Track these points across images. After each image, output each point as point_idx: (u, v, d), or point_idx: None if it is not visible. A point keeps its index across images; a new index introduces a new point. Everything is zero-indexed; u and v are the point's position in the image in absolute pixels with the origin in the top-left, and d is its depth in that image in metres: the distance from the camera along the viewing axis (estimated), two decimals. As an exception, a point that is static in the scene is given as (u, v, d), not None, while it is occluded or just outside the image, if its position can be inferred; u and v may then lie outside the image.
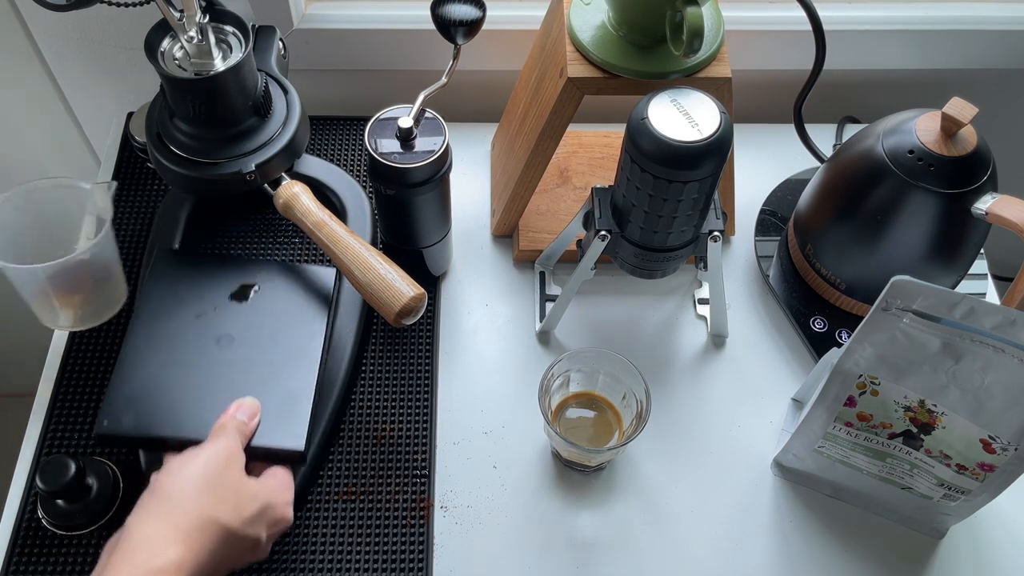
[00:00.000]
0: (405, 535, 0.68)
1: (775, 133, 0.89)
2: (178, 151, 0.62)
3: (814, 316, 0.79)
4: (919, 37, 0.88)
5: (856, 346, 0.59)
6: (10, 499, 0.69)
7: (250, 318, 0.68)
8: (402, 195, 0.69)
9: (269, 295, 0.69)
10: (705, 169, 0.60)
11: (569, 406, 0.73)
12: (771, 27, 0.86)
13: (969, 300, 0.53)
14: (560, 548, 0.68)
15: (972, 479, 0.61)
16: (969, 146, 0.67)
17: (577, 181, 0.86)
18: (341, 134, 0.90)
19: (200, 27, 0.59)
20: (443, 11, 0.68)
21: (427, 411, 0.74)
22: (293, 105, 0.65)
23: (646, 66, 0.67)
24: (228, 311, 0.68)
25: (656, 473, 0.72)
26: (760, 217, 0.85)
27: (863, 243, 0.73)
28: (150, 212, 0.83)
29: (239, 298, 0.69)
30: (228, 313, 0.68)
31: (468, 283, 0.82)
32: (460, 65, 0.70)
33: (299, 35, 0.85)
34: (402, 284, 0.60)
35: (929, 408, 0.59)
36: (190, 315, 0.68)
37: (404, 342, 0.77)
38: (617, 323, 0.79)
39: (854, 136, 0.75)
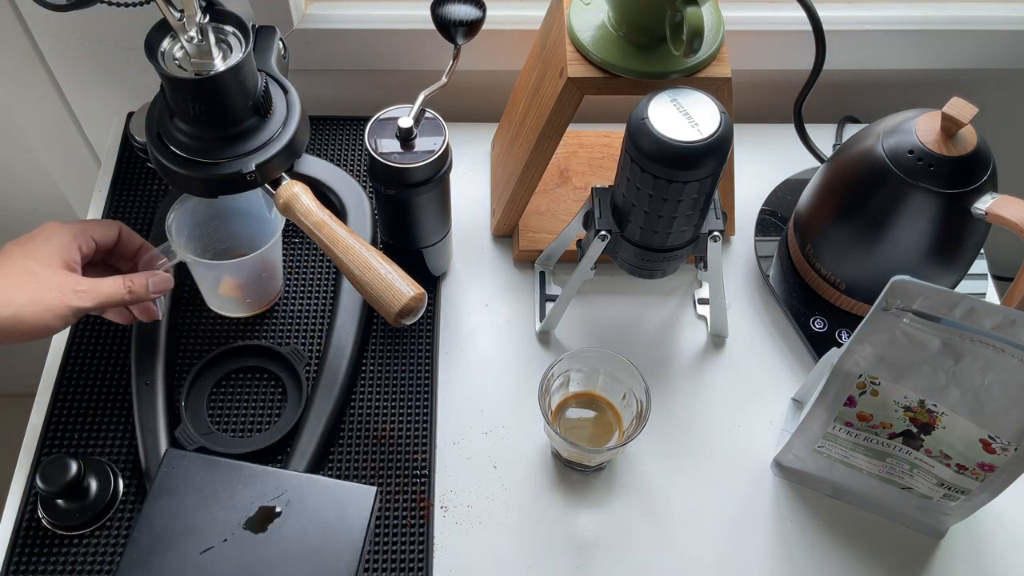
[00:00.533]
0: (405, 535, 0.68)
1: (775, 133, 0.89)
2: (178, 151, 0.62)
3: (814, 316, 0.79)
4: (919, 37, 0.88)
5: (856, 346, 0.59)
6: (10, 499, 0.69)
7: (268, 557, 0.57)
8: (402, 195, 0.69)
9: (293, 524, 0.58)
10: (705, 169, 0.60)
11: (569, 406, 0.73)
12: (771, 27, 0.86)
13: (969, 300, 0.53)
14: (560, 548, 0.68)
15: (972, 479, 0.61)
16: (969, 146, 0.67)
17: (577, 181, 0.86)
18: (341, 134, 0.90)
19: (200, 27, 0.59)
20: (443, 11, 0.68)
21: (427, 411, 0.74)
22: (293, 105, 0.65)
23: (646, 66, 0.67)
24: (242, 545, 0.57)
25: (656, 473, 0.72)
26: (760, 217, 0.85)
27: (863, 243, 0.73)
28: (150, 212, 0.83)
29: (257, 526, 0.58)
30: (241, 547, 0.57)
31: (468, 283, 0.82)
32: (460, 65, 0.70)
33: (299, 35, 0.85)
34: (402, 284, 0.60)
35: (929, 408, 0.59)
36: (195, 547, 0.57)
37: (404, 342, 0.77)
38: (617, 323, 0.79)
39: (854, 136, 0.75)
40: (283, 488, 0.59)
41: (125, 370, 0.74)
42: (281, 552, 0.57)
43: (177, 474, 0.60)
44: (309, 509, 0.59)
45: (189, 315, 0.77)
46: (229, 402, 0.73)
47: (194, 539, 0.57)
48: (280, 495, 0.59)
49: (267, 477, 0.60)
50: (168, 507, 0.58)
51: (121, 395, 0.73)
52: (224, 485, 0.59)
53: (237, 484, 0.59)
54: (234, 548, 0.57)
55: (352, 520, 0.58)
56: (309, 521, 0.58)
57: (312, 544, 0.57)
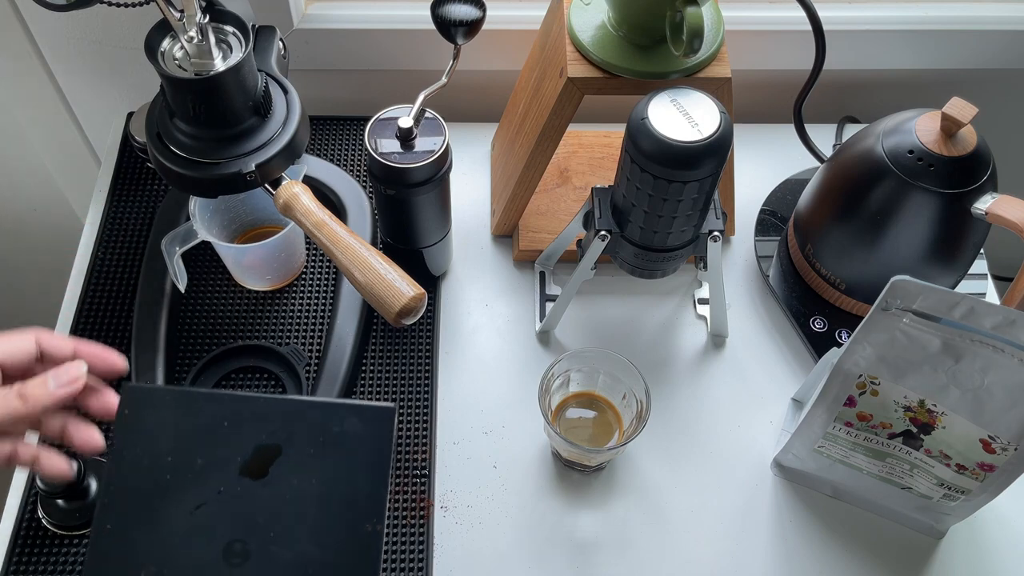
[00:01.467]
0: (405, 535, 0.68)
1: (775, 133, 0.89)
2: (178, 151, 0.62)
3: (814, 316, 0.79)
4: (919, 37, 0.88)
5: (856, 346, 0.59)
6: (10, 499, 0.69)
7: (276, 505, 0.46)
8: (402, 195, 0.69)
9: (300, 462, 0.47)
10: (705, 169, 0.60)
11: (569, 406, 0.73)
12: (771, 27, 0.86)
13: (969, 300, 0.53)
14: (560, 548, 0.68)
15: (972, 479, 0.61)
16: (969, 146, 0.67)
17: (577, 181, 0.86)
18: (341, 134, 0.90)
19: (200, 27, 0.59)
20: (443, 11, 0.68)
21: (427, 411, 0.74)
22: (293, 105, 0.65)
23: (646, 66, 0.67)
24: (241, 496, 0.46)
25: (656, 473, 0.72)
26: (760, 217, 0.85)
27: (863, 243, 0.73)
28: (150, 212, 0.83)
29: (254, 473, 0.47)
30: (242, 499, 0.46)
31: (468, 283, 0.82)
32: (460, 65, 0.70)
33: (299, 35, 0.85)
34: (402, 284, 0.60)
35: (929, 408, 0.59)
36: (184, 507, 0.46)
37: (404, 342, 0.77)
38: (617, 323, 0.79)
39: (854, 136, 0.75)
40: (280, 420, 0.48)
41: (125, 370, 0.74)
42: (291, 497, 0.46)
43: (143, 418, 0.48)
44: (316, 441, 0.47)
45: (189, 315, 0.77)
46: (229, 402, 0.73)
47: (180, 497, 0.46)
48: (278, 429, 0.48)
49: (258, 408, 0.48)
50: (139, 460, 0.46)
51: (121, 395, 0.73)
52: (206, 425, 0.48)
53: (222, 421, 0.48)
54: (232, 501, 0.46)
55: (370, 446, 0.47)
56: (318, 455, 0.47)
57: (326, 482, 0.47)
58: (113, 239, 0.82)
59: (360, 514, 0.46)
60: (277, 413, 0.48)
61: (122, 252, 0.81)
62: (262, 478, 0.47)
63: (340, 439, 0.47)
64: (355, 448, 0.47)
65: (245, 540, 0.46)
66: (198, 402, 0.49)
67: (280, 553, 0.45)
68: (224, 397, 0.50)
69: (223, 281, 0.79)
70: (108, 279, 0.79)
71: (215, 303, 0.78)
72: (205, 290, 0.79)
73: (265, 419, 0.48)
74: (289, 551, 0.45)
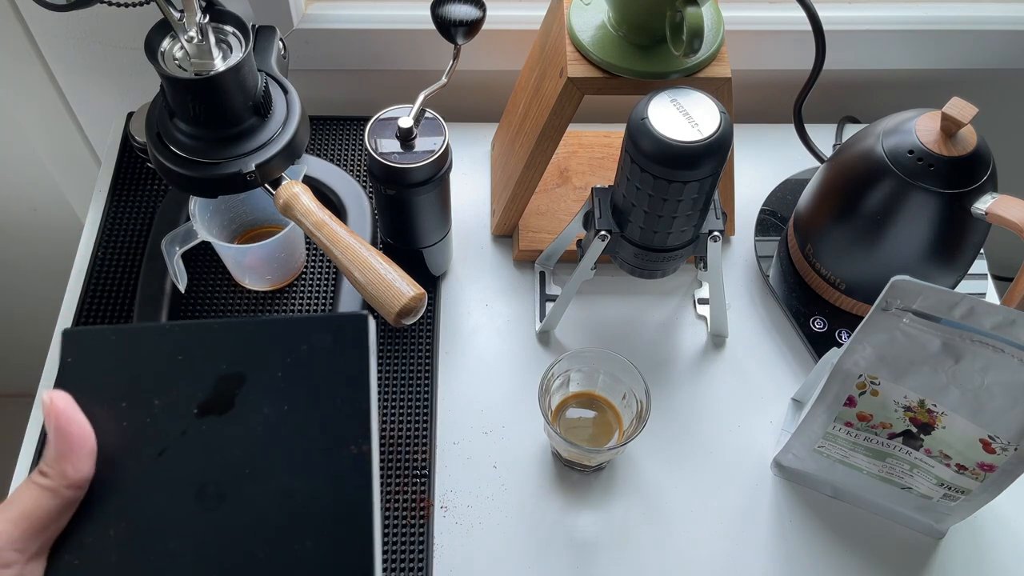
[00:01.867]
0: (405, 535, 0.68)
1: (775, 133, 0.89)
2: (178, 151, 0.62)
3: (814, 316, 0.79)
4: (919, 37, 0.88)
5: (856, 346, 0.59)
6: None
7: (243, 445, 0.41)
8: (402, 195, 0.69)
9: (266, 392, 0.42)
10: (705, 169, 0.60)
11: (569, 406, 0.73)
12: (771, 27, 0.86)
13: (969, 300, 0.53)
14: (560, 548, 0.68)
15: (972, 479, 0.61)
16: (969, 146, 0.67)
17: (577, 181, 0.86)
18: (341, 134, 0.90)
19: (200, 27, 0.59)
20: (443, 11, 0.68)
21: (427, 411, 0.74)
22: (293, 105, 0.65)
23: (646, 66, 0.67)
24: (206, 435, 0.41)
25: (656, 473, 0.72)
26: (760, 217, 0.85)
27: (863, 243, 0.73)
28: (150, 212, 0.83)
29: (218, 408, 0.41)
30: (207, 439, 0.41)
31: (468, 283, 0.82)
32: (460, 65, 0.70)
33: (299, 35, 0.85)
34: (402, 284, 0.60)
35: (929, 408, 0.59)
36: (148, 452, 0.41)
37: (404, 342, 0.77)
38: (617, 323, 0.79)
39: (854, 136, 0.75)
40: (240, 345, 0.42)
41: (125, 370, 0.74)
42: (263, 428, 0.41)
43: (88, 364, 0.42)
44: (284, 363, 0.42)
45: (189, 315, 0.77)
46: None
47: (140, 445, 0.41)
48: (239, 356, 0.42)
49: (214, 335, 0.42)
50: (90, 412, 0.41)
51: (121, 395, 0.73)
52: (159, 362, 0.42)
53: (176, 356, 0.42)
54: (198, 441, 0.41)
55: (345, 361, 0.42)
56: (288, 378, 0.42)
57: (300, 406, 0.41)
58: (113, 239, 0.82)
59: (343, 437, 0.41)
60: (235, 338, 0.43)
61: (122, 252, 0.81)
62: (228, 412, 0.41)
63: (310, 357, 0.42)
64: (328, 365, 0.42)
65: (218, 481, 0.41)
66: (146, 338, 0.43)
67: (258, 490, 0.41)
68: (174, 328, 0.43)
69: (223, 281, 0.79)
70: (108, 279, 0.79)
71: (215, 303, 0.78)
72: (205, 290, 0.79)
73: (223, 347, 0.42)
74: (268, 487, 0.40)
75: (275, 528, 0.40)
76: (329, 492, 0.40)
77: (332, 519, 0.40)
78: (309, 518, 0.40)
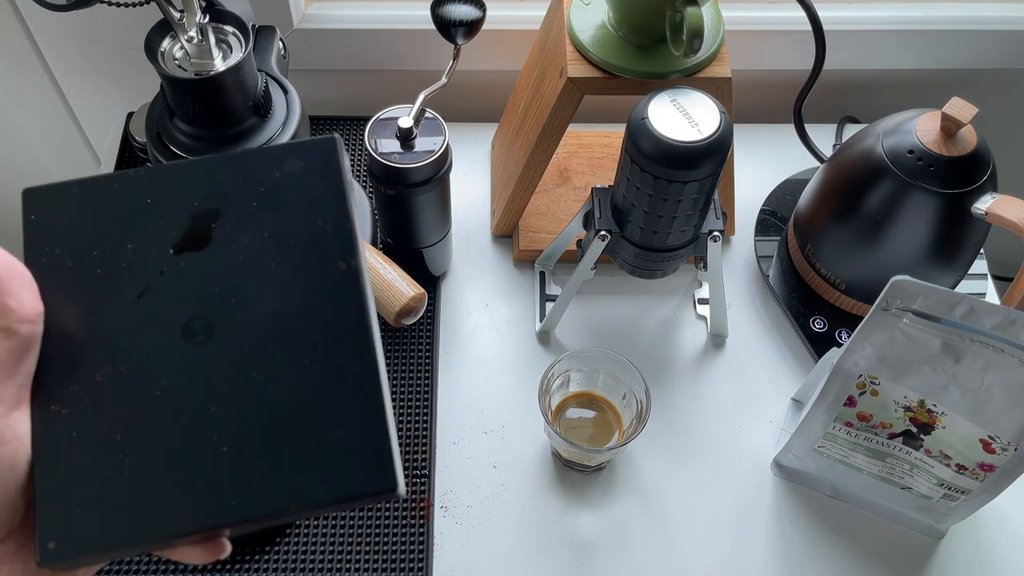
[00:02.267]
0: (405, 535, 0.68)
1: (775, 133, 0.89)
2: (178, 151, 0.62)
3: (814, 316, 0.79)
4: (919, 37, 0.88)
5: (856, 346, 0.59)
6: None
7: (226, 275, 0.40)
8: (402, 195, 0.69)
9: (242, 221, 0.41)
10: (705, 169, 0.60)
11: (569, 406, 0.73)
12: (771, 27, 0.86)
13: (969, 300, 0.53)
14: (560, 548, 0.68)
15: (972, 479, 0.61)
16: (969, 146, 0.67)
17: (577, 181, 0.86)
18: (341, 134, 0.90)
19: (200, 27, 0.59)
20: (443, 11, 0.68)
21: (427, 411, 0.74)
22: (293, 105, 0.65)
23: (646, 66, 0.67)
24: (185, 272, 0.40)
25: (656, 473, 0.72)
26: (760, 217, 0.85)
27: (863, 243, 0.73)
28: (150, 212, 0.83)
29: (195, 244, 0.41)
30: (187, 275, 0.40)
31: (468, 283, 0.82)
32: (460, 65, 0.70)
33: (299, 35, 0.85)
34: (402, 284, 0.60)
35: (929, 408, 0.59)
36: (126, 296, 0.40)
37: (404, 342, 0.77)
38: (617, 323, 0.79)
39: (854, 136, 0.75)
40: (210, 182, 0.41)
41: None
42: (244, 257, 0.40)
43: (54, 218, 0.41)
44: (257, 193, 0.41)
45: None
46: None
47: (118, 289, 0.40)
48: (210, 192, 0.41)
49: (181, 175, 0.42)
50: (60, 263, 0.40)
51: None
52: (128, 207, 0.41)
53: (144, 199, 0.41)
54: (178, 278, 0.40)
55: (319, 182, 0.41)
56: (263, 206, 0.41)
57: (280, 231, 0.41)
58: (113, 239, 0.82)
59: (329, 255, 0.40)
60: (204, 175, 0.42)
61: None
62: (206, 246, 0.40)
63: (283, 183, 0.41)
64: (302, 188, 0.41)
65: (204, 314, 0.39)
66: (111, 185, 0.42)
67: (247, 318, 0.39)
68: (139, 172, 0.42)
69: (223, 281, 0.79)
70: (108, 279, 0.79)
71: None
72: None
73: (192, 185, 0.41)
74: (256, 313, 0.39)
75: (269, 352, 0.39)
76: (321, 309, 0.39)
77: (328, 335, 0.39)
78: (304, 337, 0.39)
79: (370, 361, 0.38)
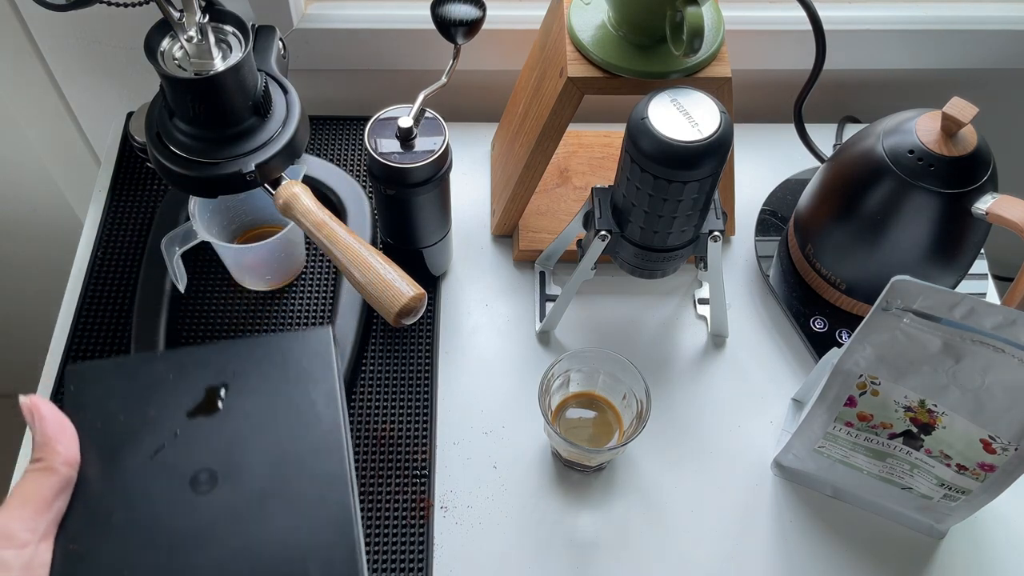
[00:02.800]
0: (405, 535, 0.68)
1: (775, 133, 0.89)
2: (178, 151, 0.62)
3: (814, 316, 0.79)
4: (919, 37, 0.88)
5: (856, 346, 0.59)
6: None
7: (230, 436, 0.49)
8: (402, 195, 0.69)
9: (247, 393, 0.50)
10: (705, 169, 0.60)
11: (569, 406, 0.73)
12: (771, 27, 0.86)
13: (969, 300, 0.53)
14: (560, 548, 0.68)
15: (972, 479, 0.61)
16: (969, 146, 0.67)
17: (577, 181, 0.86)
18: (341, 134, 0.90)
19: (200, 27, 0.59)
20: (443, 11, 0.68)
21: (427, 411, 0.74)
22: (293, 105, 0.65)
23: (646, 66, 0.67)
24: (196, 433, 0.49)
25: (656, 473, 0.72)
26: (760, 217, 0.85)
27: (863, 243, 0.73)
28: (150, 212, 0.83)
29: (206, 410, 0.50)
30: (197, 436, 0.49)
31: (468, 283, 0.82)
32: (460, 65, 0.70)
33: (299, 35, 0.85)
34: (402, 284, 0.60)
35: (929, 408, 0.59)
36: (142, 454, 0.48)
37: (404, 342, 0.77)
38: (617, 323, 0.79)
39: (854, 136, 0.75)
40: (224, 361, 0.51)
41: (125, 370, 0.74)
42: (248, 420, 0.49)
43: (89, 391, 0.50)
44: (261, 370, 0.50)
45: (189, 315, 0.77)
46: (229, 402, 0.73)
47: (137, 447, 0.48)
48: (222, 369, 0.51)
49: (201, 356, 0.51)
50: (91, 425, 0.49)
51: (121, 395, 0.73)
52: (153, 381, 0.50)
53: (167, 375, 0.50)
54: (189, 439, 0.48)
55: (315, 367, 0.51)
56: (266, 380, 0.50)
57: (280, 400, 0.50)
58: (113, 239, 0.82)
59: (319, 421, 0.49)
60: (219, 356, 0.51)
61: (122, 252, 0.81)
62: (215, 412, 0.50)
63: (284, 363, 0.51)
64: (300, 368, 0.51)
65: (211, 468, 0.48)
66: (141, 363, 0.52)
67: (247, 471, 0.48)
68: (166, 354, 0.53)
69: (223, 281, 0.79)
70: (108, 279, 0.79)
71: (215, 303, 0.78)
72: (205, 290, 0.79)
73: (208, 364, 0.51)
74: (255, 467, 0.48)
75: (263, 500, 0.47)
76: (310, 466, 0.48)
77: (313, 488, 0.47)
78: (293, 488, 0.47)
79: (348, 509, 0.47)
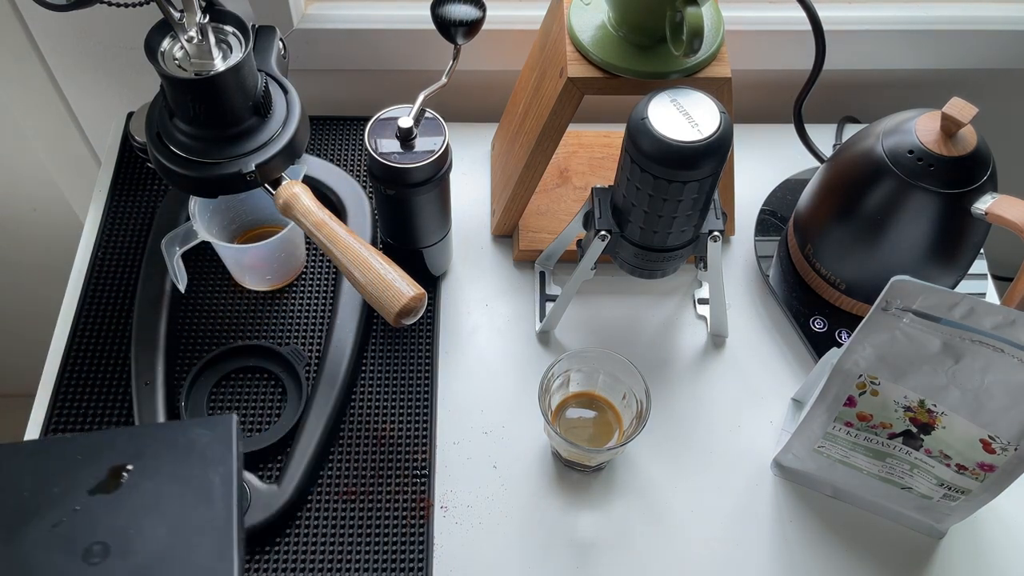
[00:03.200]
0: (405, 535, 0.68)
1: (775, 133, 0.89)
2: (178, 151, 0.62)
3: (814, 316, 0.79)
4: (919, 37, 0.88)
5: (856, 346, 0.59)
6: None
7: (127, 512, 0.53)
8: (402, 195, 0.69)
9: (149, 474, 0.54)
10: (705, 169, 0.60)
11: (569, 406, 0.73)
12: (771, 27, 0.86)
13: (969, 300, 0.53)
14: (560, 548, 0.68)
15: (972, 479, 0.61)
16: (969, 146, 0.67)
17: (577, 181, 0.86)
18: (341, 134, 0.90)
19: (200, 27, 0.59)
20: (443, 11, 0.68)
21: (427, 411, 0.74)
22: (293, 105, 0.65)
23: (646, 66, 0.67)
24: (95, 509, 0.52)
25: (656, 473, 0.72)
26: (760, 217, 0.85)
27: (863, 243, 0.73)
28: (150, 212, 0.83)
29: (106, 488, 0.53)
30: (96, 512, 0.52)
31: (468, 283, 0.82)
32: (460, 65, 0.70)
33: (299, 35, 0.85)
34: (402, 284, 0.60)
35: (929, 408, 0.59)
36: (43, 527, 0.52)
37: (404, 342, 0.77)
38: (617, 323, 0.79)
39: (854, 136, 0.75)
40: (131, 443, 0.55)
41: (125, 370, 0.74)
42: (144, 503, 0.52)
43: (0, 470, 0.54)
44: (164, 452, 0.54)
45: (189, 315, 0.77)
46: (229, 402, 0.73)
47: (38, 521, 0.52)
48: (128, 450, 0.55)
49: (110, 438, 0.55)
50: None
51: (121, 395, 0.73)
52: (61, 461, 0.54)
53: (75, 455, 0.54)
54: (89, 514, 0.52)
55: (216, 451, 0.54)
56: (167, 464, 0.53)
57: (177, 483, 0.53)
58: (113, 239, 0.82)
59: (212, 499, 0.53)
60: (128, 438, 0.56)
61: (122, 252, 0.81)
62: (115, 490, 0.53)
63: (187, 446, 0.55)
64: (202, 451, 0.55)
65: (105, 542, 0.51)
66: (52, 446, 0.56)
67: (138, 545, 0.51)
68: (77, 437, 0.57)
69: (223, 281, 0.79)
70: (108, 279, 0.79)
71: (215, 303, 0.78)
72: (205, 290, 0.79)
73: (115, 447, 0.55)
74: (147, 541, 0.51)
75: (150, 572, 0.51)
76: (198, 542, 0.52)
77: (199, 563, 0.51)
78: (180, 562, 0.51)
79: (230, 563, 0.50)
